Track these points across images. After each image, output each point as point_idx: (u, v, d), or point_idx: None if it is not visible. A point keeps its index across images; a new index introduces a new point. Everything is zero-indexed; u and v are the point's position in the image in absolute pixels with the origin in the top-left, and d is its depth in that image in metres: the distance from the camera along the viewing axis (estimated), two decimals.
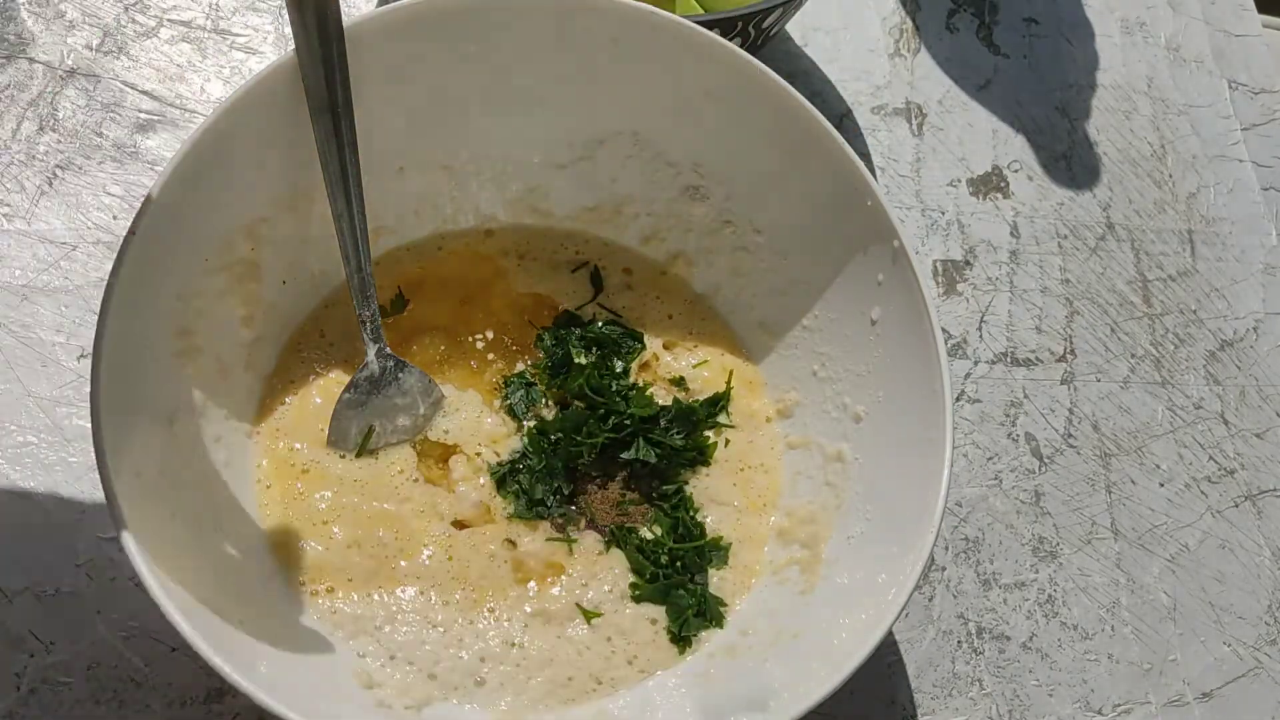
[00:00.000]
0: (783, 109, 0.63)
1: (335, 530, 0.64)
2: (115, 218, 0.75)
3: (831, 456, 0.67)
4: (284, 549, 0.63)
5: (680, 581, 0.65)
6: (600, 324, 0.73)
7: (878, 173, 0.90)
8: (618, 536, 0.67)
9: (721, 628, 0.65)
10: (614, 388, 0.70)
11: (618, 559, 0.66)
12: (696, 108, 0.66)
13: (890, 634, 0.72)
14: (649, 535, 0.67)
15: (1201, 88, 1.01)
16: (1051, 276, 0.88)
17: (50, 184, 0.75)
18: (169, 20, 0.83)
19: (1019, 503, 0.79)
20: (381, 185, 0.67)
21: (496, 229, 0.75)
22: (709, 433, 0.71)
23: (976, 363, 0.84)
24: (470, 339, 0.72)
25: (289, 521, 0.64)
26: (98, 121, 0.78)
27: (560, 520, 0.67)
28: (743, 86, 0.64)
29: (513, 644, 0.63)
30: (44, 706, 0.61)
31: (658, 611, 0.65)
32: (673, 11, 0.67)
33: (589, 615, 0.64)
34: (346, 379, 0.67)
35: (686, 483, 0.69)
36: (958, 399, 0.82)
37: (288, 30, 0.83)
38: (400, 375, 0.67)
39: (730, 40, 0.67)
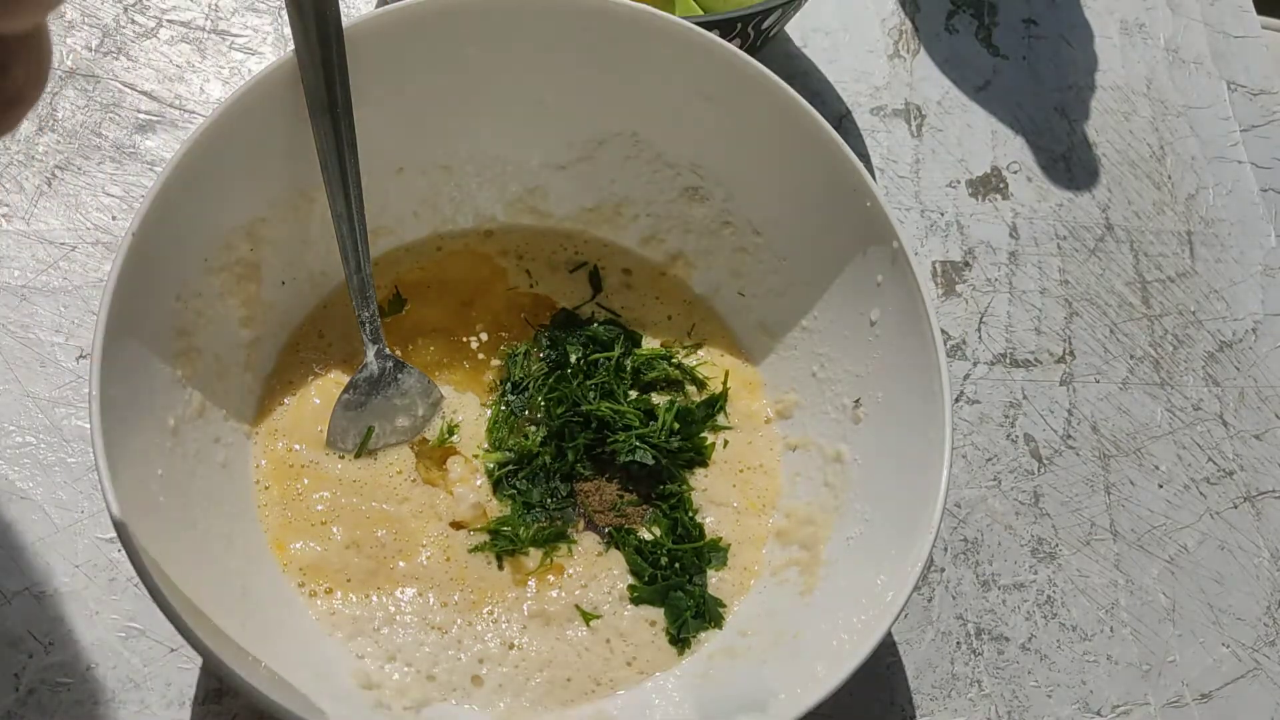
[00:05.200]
0: (782, 110, 0.63)
1: (334, 531, 0.64)
2: (114, 218, 0.75)
3: (830, 457, 0.67)
4: (283, 549, 0.63)
5: (679, 583, 0.65)
6: (598, 324, 0.73)
7: (877, 174, 0.90)
8: (616, 538, 0.67)
9: (720, 629, 0.65)
10: (609, 390, 0.70)
11: (616, 560, 0.66)
12: (696, 109, 0.66)
13: (889, 635, 0.72)
14: (648, 536, 0.67)
15: (1200, 89, 1.01)
16: (1050, 278, 0.88)
17: (49, 184, 0.75)
18: (168, 21, 0.83)
19: (1018, 504, 0.79)
20: (381, 185, 0.67)
21: (495, 229, 0.75)
22: (707, 434, 0.71)
23: (975, 364, 0.84)
24: (468, 340, 0.72)
25: (288, 522, 0.64)
26: (97, 122, 0.78)
27: (559, 522, 0.67)
28: (742, 88, 0.64)
29: (511, 645, 0.63)
30: (43, 707, 0.61)
31: (656, 613, 0.65)
32: (672, 12, 0.67)
33: (588, 617, 0.64)
34: (345, 379, 0.67)
35: (685, 484, 0.69)
36: (957, 400, 0.82)
37: (287, 30, 0.83)
38: (399, 376, 0.67)
39: (730, 41, 0.67)
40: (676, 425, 0.69)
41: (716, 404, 0.72)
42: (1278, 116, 1.02)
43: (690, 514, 0.68)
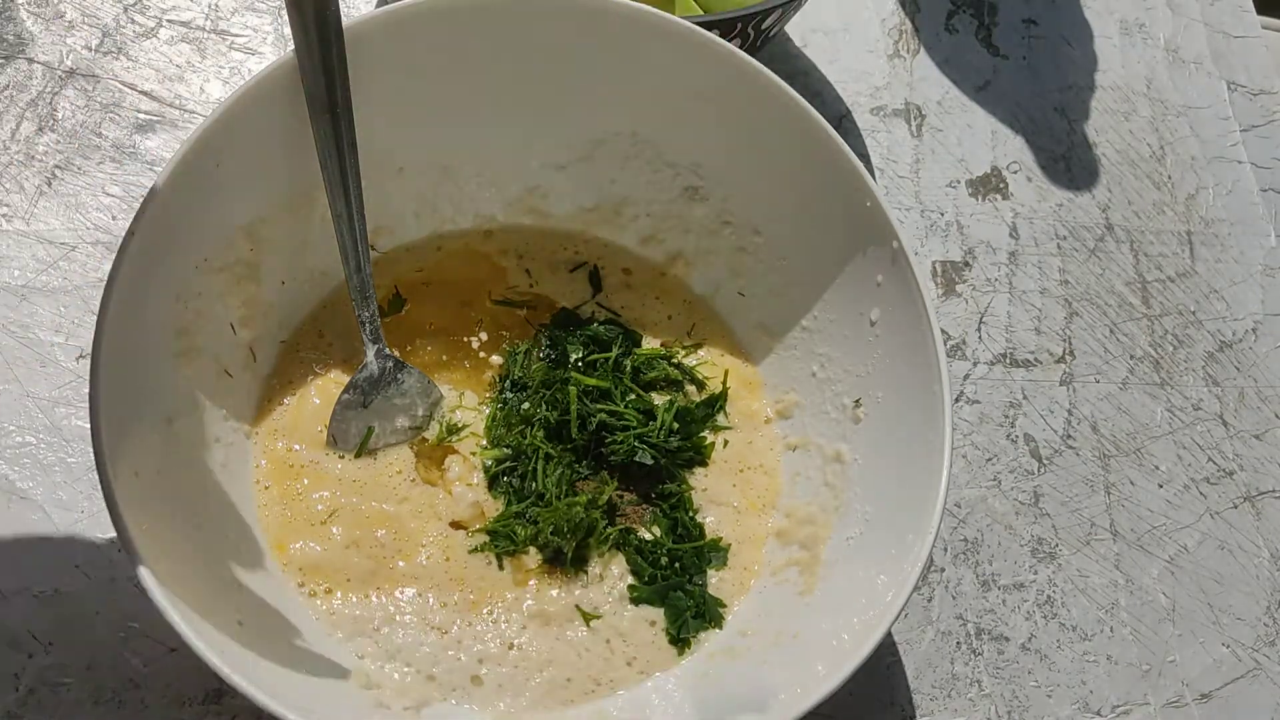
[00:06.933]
0: (782, 110, 0.63)
1: (334, 530, 0.64)
2: (114, 218, 0.75)
3: (830, 457, 0.67)
4: (283, 549, 0.63)
5: (679, 583, 0.65)
6: (598, 323, 0.73)
7: (877, 174, 0.90)
8: (616, 538, 0.67)
9: (720, 629, 0.65)
10: (609, 388, 0.70)
11: (616, 560, 0.66)
12: (696, 109, 0.66)
13: (889, 635, 0.72)
14: (648, 536, 0.67)
15: (1200, 89, 1.01)
16: (1050, 278, 0.88)
17: (49, 184, 0.75)
18: (168, 21, 0.83)
19: (1018, 504, 0.79)
20: (381, 185, 0.67)
21: (495, 229, 0.75)
22: (707, 433, 0.71)
23: (975, 364, 0.84)
24: (468, 339, 0.72)
25: (288, 522, 0.64)
26: (97, 122, 0.78)
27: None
28: (742, 88, 0.64)
29: (511, 645, 0.63)
30: (42, 707, 0.61)
31: (656, 613, 0.65)
32: (672, 12, 0.67)
33: (588, 617, 0.64)
34: (345, 379, 0.67)
35: (685, 483, 0.69)
36: (957, 400, 0.82)
37: (288, 30, 0.83)
38: (399, 376, 0.67)
39: (730, 41, 0.67)
40: (676, 425, 0.69)
41: (716, 404, 0.72)
42: (1278, 116, 1.02)
43: (690, 514, 0.68)
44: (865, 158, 0.90)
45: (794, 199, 0.67)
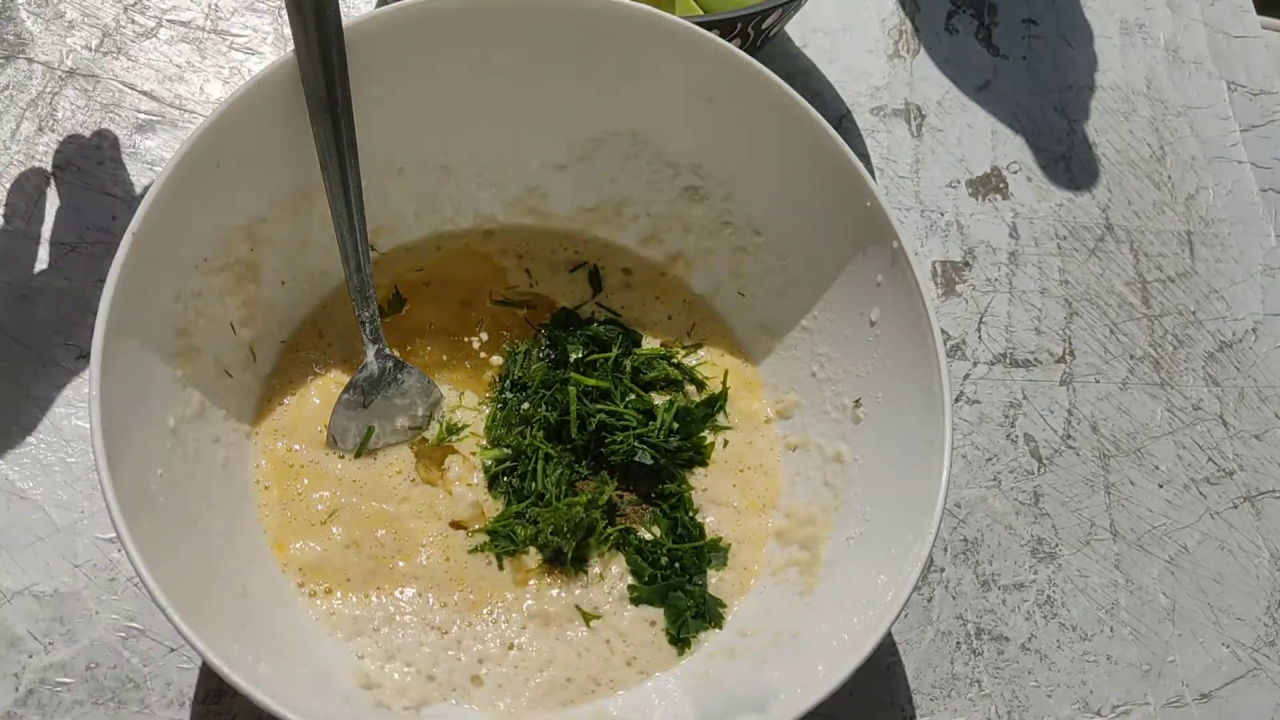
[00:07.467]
0: (782, 110, 0.63)
1: (334, 530, 0.64)
2: (114, 218, 0.75)
3: (830, 457, 0.67)
4: (283, 549, 0.63)
5: (679, 583, 0.65)
6: (598, 323, 0.73)
7: (877, 174, 0.90)
8: (616, 538, 0.67)
9: (720, 629, 0.65)
10: (608, 389, 0.70)
11: (616, 560, 0.66)
12: (696, 109, 0.66)
13: (889, 635, 0.72)
14: (648, 536, 0.67)
15: (1200, 89, 1.01)
16: (1050, 278, 0.88)
17: (49, 184, 0.75)
18: (168, 21, 0.83)
19: (1018, 504, 0.79)
20: (381, 185, 0.67)
21: (495, 229, 0.75)
22: (707, 433, 0.71)
23: (975, 364, 0.84)
24: (468, 339, 0.72)
25: (288, 522, 0.64)
26: (97, 122, 0.78)
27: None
28: (742, 87, 0.64)
29: (511, 645, 0.63)
30: (42, 707, 0.61)
31: (656, 613, 0.65)
32: (672, 12, 0.67)
33: (588, 617, 0.64)
34: (345, 379, 0.67)
35: (685, 483, 0.69)
36: (956, 400, 0.82)
37: (287, 30, 0.83)
38: (399, 376, 0.67)
39: (729, 41, 0.67)
40: (675, 425, 0.69)
41: (716, 404, 0.72)
42: (1278, 116, 1.02)
43: (690, 514, 0.68)
44: (865, 158, 0.90)
45: (794, 199, 0.67)
